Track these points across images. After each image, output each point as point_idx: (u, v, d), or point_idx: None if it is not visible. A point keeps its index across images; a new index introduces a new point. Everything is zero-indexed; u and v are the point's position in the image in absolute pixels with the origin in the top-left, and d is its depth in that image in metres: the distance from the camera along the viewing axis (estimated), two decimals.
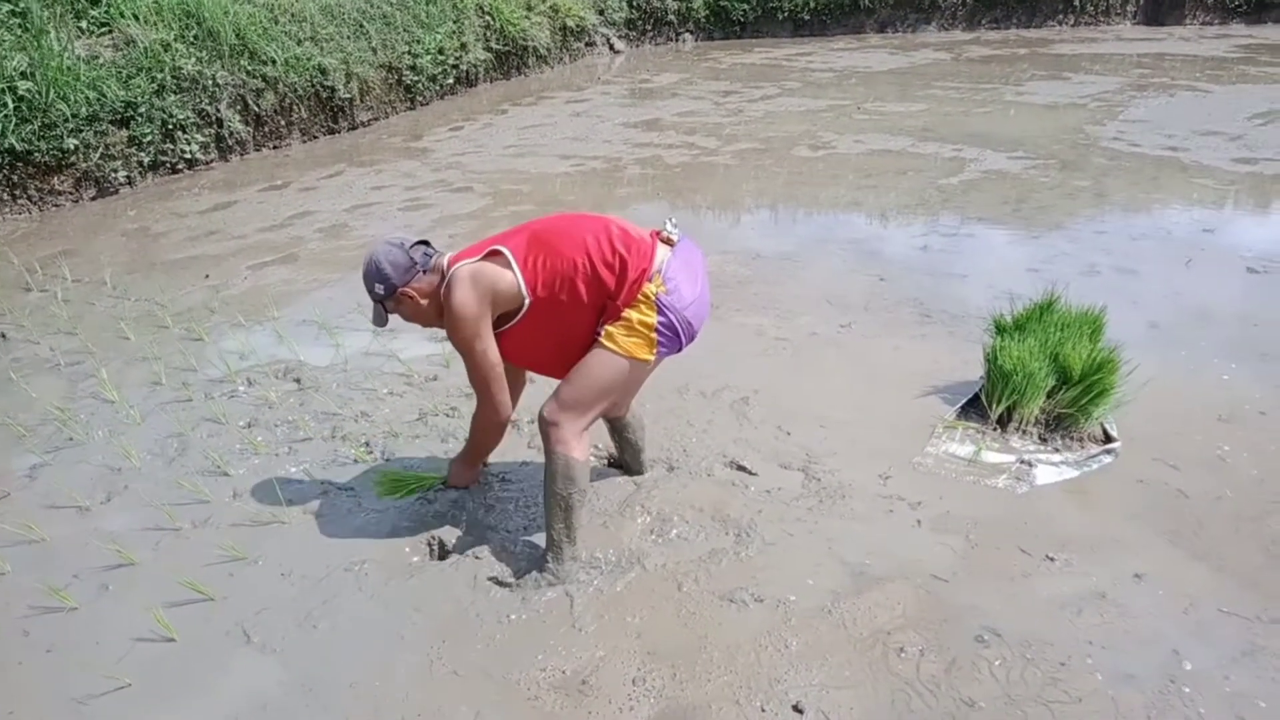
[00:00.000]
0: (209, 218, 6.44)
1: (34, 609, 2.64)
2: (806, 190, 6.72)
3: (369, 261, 2.61)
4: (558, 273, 2.51)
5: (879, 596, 2.56)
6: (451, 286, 2.52)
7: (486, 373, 2.61)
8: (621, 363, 2.52)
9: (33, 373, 4.10)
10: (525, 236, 2.58)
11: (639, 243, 2.54)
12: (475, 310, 2.51)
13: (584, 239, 2.53)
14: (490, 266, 2.53)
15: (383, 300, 2.63)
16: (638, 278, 2.49)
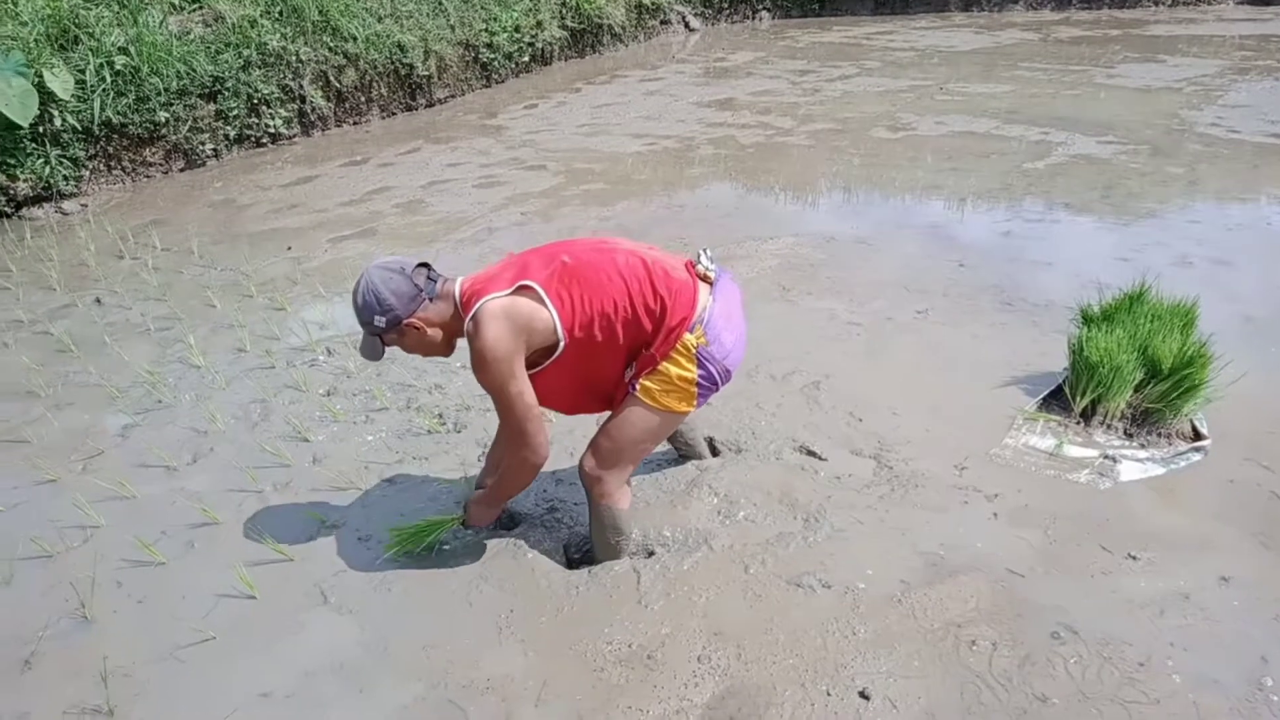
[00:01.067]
0: (291, 191, 6.61)
1: (126, 562, 2.76)
2: (884, 172, 6.58)
3: (366, 290, 2.29)
4: (596, 314, 2.32)
5: (952, 588, 2.51)
6: (481, 323, 2.24)
7: (523, 414, 2.33)
8: (661, 417, 2.44)
9: (125, 337, 4.27)
10: (554, 269, 2.33)
11: (682, 288, 2.37)
12: (509, 349, 2.25)
13: (623, 278, 2.33)
14: (524, 303, 2.28)
15: (382, 333, 2.35)
16: (677, 326, 2.35)
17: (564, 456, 3.18)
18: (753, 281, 4.63)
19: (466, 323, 2.28)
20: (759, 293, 4.49)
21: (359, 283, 2.32)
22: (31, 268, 5.17)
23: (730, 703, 2.18)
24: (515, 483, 2.53)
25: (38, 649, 2.45)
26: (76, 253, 5.39)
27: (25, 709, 2.26)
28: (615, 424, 2.46)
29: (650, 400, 2.40)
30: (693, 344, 2.36)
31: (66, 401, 3.71)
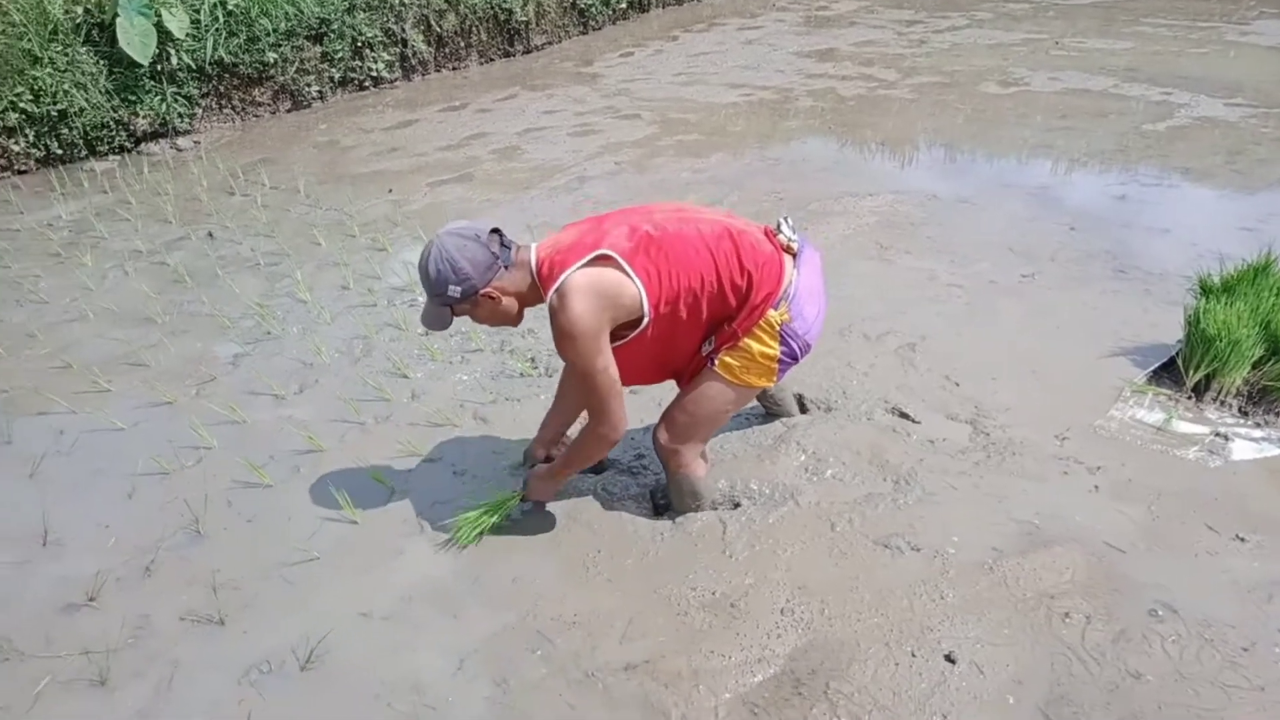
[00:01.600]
0: (392, 134, 6.73)
1: (236, 482, 2.91)
2: (992, 130, 6.33)
3: (439, 258, 2.18)
4: (682, 289, 2.25)
5: (1046, 558, 2.45)
6: (567, 296, 2.15)
7: (608, 390, 2.26)
8: (739, 391, 2.43)
9: (236, 270, 4.45)
10: (638, 241, 2.23)
11: (768, 261, 2.31)
12: (596, 324, 2.17)
13: (710, 251, 2.26)
14: (611, 275, 2.18)
15: (455, 303, 2.25)
16: (762, 302, 2.30)
17: (652, 406, 3.21)
18: (849, 239, 4.54)
19: (550, 296, 2.18)
20: (855, 250, 4.40)
21: (430, 251, 2.21)
22: (149, 200, 5.41)
23: (813, 655, 2.19)
24: (586, 457, 2.46)
25: (156, 558, 2.61)
26: (190, 187, 5.62)
27: (146, 611, 2.42)
28: (692, 398, 2.45)
29: (730, 376, 2.39)
30: (776, 321, 2.32)
31: (182, 329, 3.90)
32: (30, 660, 2.28)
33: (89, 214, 5.19)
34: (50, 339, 3.86)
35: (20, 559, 2.63)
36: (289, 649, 2.27)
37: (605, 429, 2.33)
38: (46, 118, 6.04)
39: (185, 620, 2.39)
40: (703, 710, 2.06)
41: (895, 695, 2.07)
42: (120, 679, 2.22)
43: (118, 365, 3.63)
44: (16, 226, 5.13)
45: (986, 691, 2.08)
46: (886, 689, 2.09)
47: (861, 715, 2.03)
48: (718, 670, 2.16)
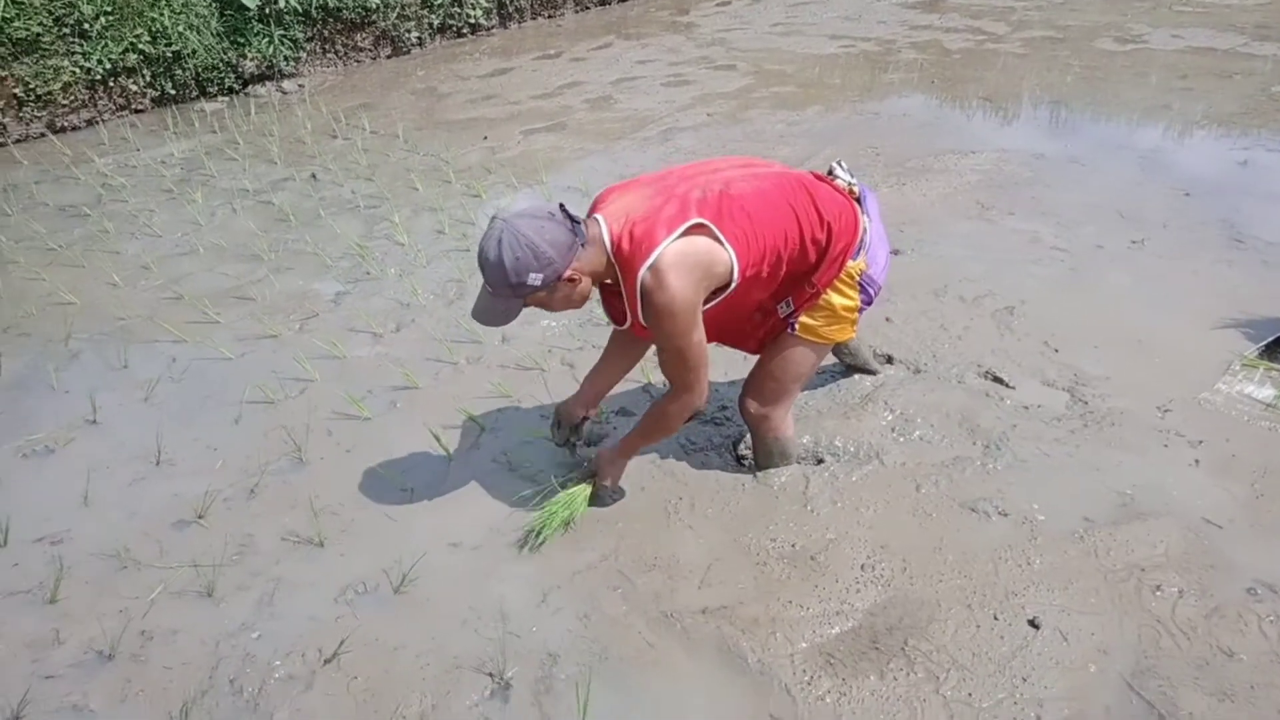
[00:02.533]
0: (488, 82, 6.79)
1: (336, 414, 3.04)
2: (1105, 87, 6.02)
3: (516, 244, 1.96)
4: (768, 250, 2.15)
5: (1140, 531, 2.39)
6: (664, 273, 2.00)
7: (698, 362, 2.16)
8: (822, 349, 2.43)
9: (337, 211, 4.59)
10: (720, 205, 2.09)
11: (843, 211, 2.25)
12: (695, 299, 2.05)
13: (791, 208, 2.17)
14: (703, 244, 2.05)
15: (533, 292, 2.02)
16: (841, 254, 2.25)
17: (739, 359, 3.21)
18: (949, 197, 4.42)
19: (643, 274, 2.01)
20: (955, 209, 4.28)
21: (499, 238, 1.97)
22: (256, 141, 5.61)
23: (892, 612, 2.19)
24: (667, 428, 2.36)
25: (260, 481, 2.76)
26: (294, 130, 5.79)
27: (250, 531, 2.57)
28: (778, 364, 2.44)
29: (812, 336, 2.38)
30: (855, 271, 2.29)
31: (286, 266, 4.06)
32: (146, 569, 2.45)
33: (200, 153, 5.41)
34: (163, 271, 4.06)
35: (137, 476, 2.82)
36: (383, 572, 2.38)
37: (693, 398, 2.25)
38: (162, 59, 6.29)
39: (286, 541, 2.53)
40: (779, 656, 2.09)
41: (974, 656, 2.07)
42: (226, 591, 2.37)
43: (226, 298, 3.81)
44: (134, 163, 5.39)
45: (1069, 658, 2.05)
46: (966, 649, 2.08)
47: (939, 673, 2.03)
48: (795, 620, 2.18)
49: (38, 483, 2.81)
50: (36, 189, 5.11)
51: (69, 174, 5.31)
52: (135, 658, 2.18)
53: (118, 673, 2.14)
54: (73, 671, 2.15)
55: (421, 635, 2.20)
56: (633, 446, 2.47)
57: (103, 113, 6.26)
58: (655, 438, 2.45)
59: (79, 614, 2.30)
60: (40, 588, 2.38)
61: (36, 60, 5.88)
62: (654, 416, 2.36)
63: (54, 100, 6.02)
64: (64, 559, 2.47)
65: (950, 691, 1.99)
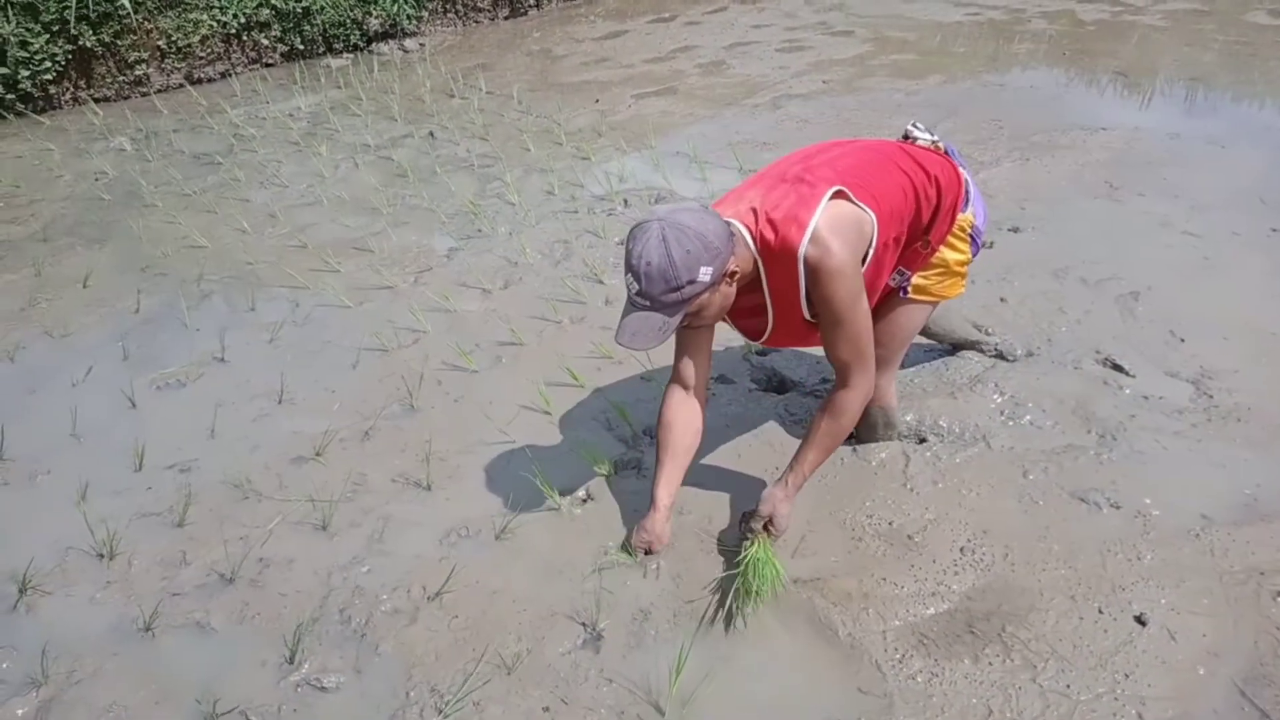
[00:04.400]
0: (602, 45, 6.80)
1: (446, 365, 3.15)
2: (1253, 64, 5.63)
3: (683, 237, 1.84)
4: (894, 211, 2.10)
5: (1263, 533, 2.27)
6: (826, 241, 1.93)
7: (867, 331, 2.05)
8: (933, 308, 2.39)
9: (453, 169, 4.70)
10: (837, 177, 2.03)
11: (943, 166, 2.21)
12: (857, 260, 1.99)
13: (899, 168, 2.12)
14: (847, 208, 2.01)
15: (699, 293, 1.91)
16: (951, 207, 2.21)
17: None
18: (1075, 175, 4.23)
19: (803, 248, 1.94)
20: (1081, 188, 4.09)
21: (661, 237, 1.85)
22: (378, 98, 5.78)
23: (990, 598, 2.15)
24: (846, 429, 2.15)
25: (375, 425, 2.89)
26: (414, 88, 5.94)
27: (364, 471, 2.70)
28: (883, 330, 2.34)
29: (925, 297, 2.34)
30: (966, 225, 2.27)
31: (402, 221, 4.19)
32: (266, 501, 2.60)
33: (325, 107, 5.61)
34: (288, 220, 4.25)
35: (260, 413, 2.98)
36: (486, 518, 2.46)
37: (865, 380, 2.08)
38: (292, 14, 6.53)
39: (397, 482, 2.64)
40: (870, 632, 2.08)
41: (1075, 648, 2.01)
42: (339, 526, 2.49)
43: (346, 249, 3.96)
44: (263, 115, 5.63)
45: (1177, 658, 1.98)
46: (1067, 641, 2.03)
47: (1036, 662, 1.99)
48: (889, 597, 2.17)
49: (170, 414, 3.01)
50: (175, 137, 5.40)
51: (204, 123, 5.59)
52: (253, 583, 2.32)
53: (237, 595, 2.28)
54: (197, 591, 2.30)
55: (520, 581, 2.28)
56: (808, 470, 2.17)
57: (236, 65, 6.55)
58: (837, 443, 2.17)
59: (204, 538, 2.47)
60: (170, 511, 2.56)
61: (179, 14, 6.19)
62: (828, 422, 2.11)
63: (192, 52, 6.33)
64: (192, 486, 2.65)
65: (1048, 681, 1.94)
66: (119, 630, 2.20)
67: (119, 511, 2.57)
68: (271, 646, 2.12)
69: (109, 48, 6.01)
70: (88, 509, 2.57)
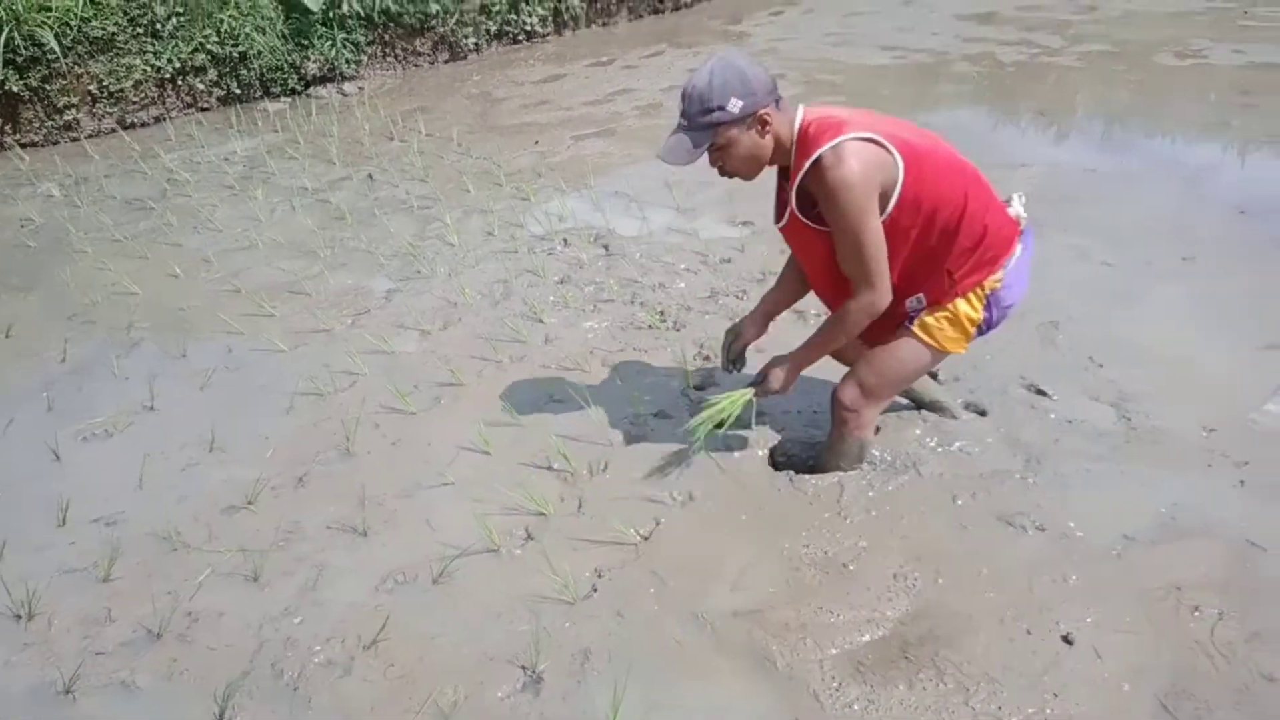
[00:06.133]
0: (541, 88, 6.89)
1: (383, 408, 3.12)
2: (1162, 104, 5.92)
3: (726, 69, 2.09)
4: (926, 204, 2.18)
5: (1180, 551, 2.36)
6: (842, 154, 2.08)
7: (878, 248, 2.17)
8: (931, 354, 2.42)
9: (392, 211, 4.70)
10: (902, 140, 2.17)
11: (1006, 224, 2.30)
12: (870, 183, 2.10)
13: (964, 186, 2.22)
14: (883, 154, 2.13)
15: (725, 124, 2.12)
16: (990, 260, 2.27)
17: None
18: None
19: (823, 151, 2.09)
20: None
21: (709, 66, 2.12)
22: (316, 141, 5.76)
23: (923, 623, 2.20)
24: (847, 333, 2.33)
25: (309, 471, 2.84)
26: (353, 131, 5.94)
27: (298, 518, 2.65)
28: (884, 360, 2.43)
29: (927, 336, 2.38)
30: (992, 285, 2.31)
31: (340, 263, 4.17)
32: (195, 552, 2.54)
33: (261, 151, 5.58)
34: (223, 265, 4.20)
35: (190, 462, 2.92)
36: (424, 563, 2.44)
37: (874, 295, 2.23)
38: (229, 59, 6.49)
39: (332, 529, 2.60)
40: (808, 662, 2.10)
41: (1006, 669, 2.06)
42: (271, 576, 2.44)
43: (282, 292, 3.92)
44: (198, 160, 5.57)
45: (1102, 676, 2.04)
46: (997, 663, 2.08)
47: (969, 685, 2.02)
48: (825, 626, 2.20)
49: (95, 466, 2.93)
50: (106, 182, 5.31)
51: (137, 168, 5.51)
52: (182, 638, 2.26)
53: (164, 652, 2.22)
54: (122, 649, 2.23)
55: (457, 626, 2.26)
56: (809, 354, 2.45)
57: (170, 110, 6.48)
58: (835, 342, 2.40)
59: (130, 593, 2.40)
60: (95, 567, 2.48)
61: (111, 59, 6.11)
62: (835, 318, 2.33)
63: (125, 97, 6.25)
64: (118, 540, 2.58)
65: (980, 704, 1.98)
66: (37, 694, 2.13)
67: (39, 569, 2.48)
68: (200, 704, 2.07)
69: (36, 92, 5.91)
70: (5, 568, 2.49)
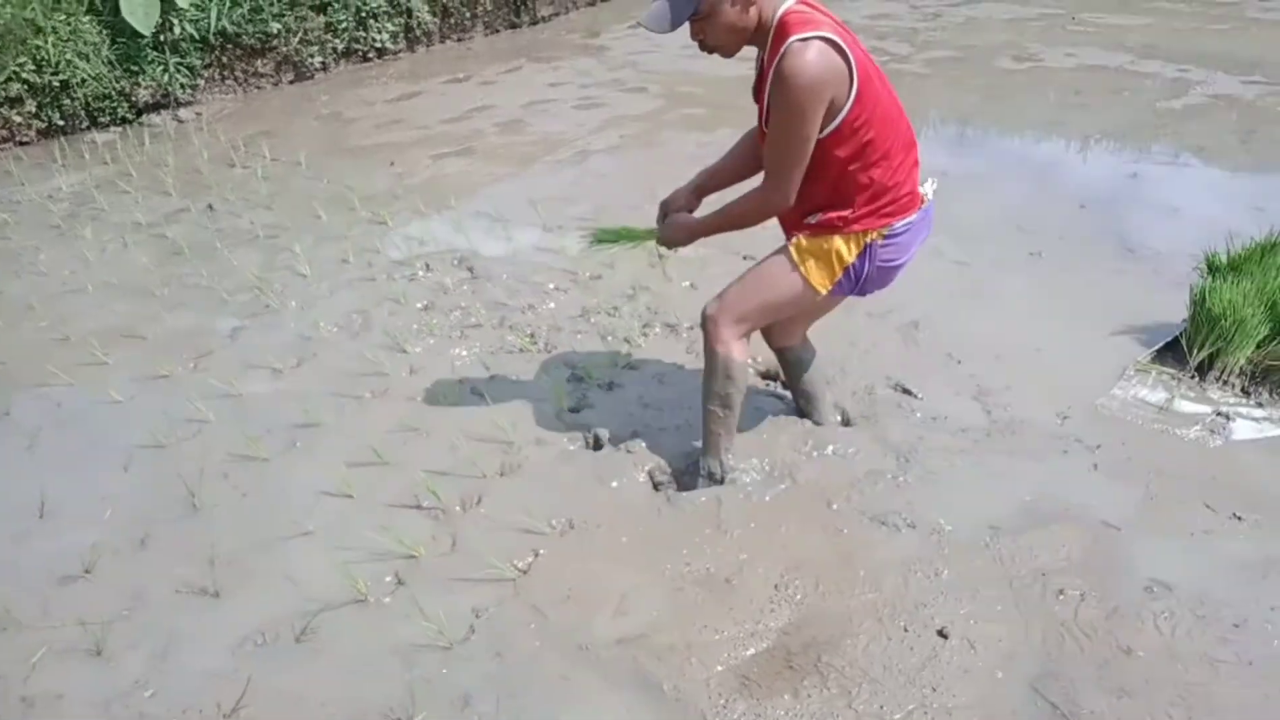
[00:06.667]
0: (395, 107, 6.69)
1: (232, 456, 2.91)
2: (1004, 106, 6.25)
3: None
4: (857, 138, 2.21)
5: (1043, 537, 2.44)
6: (809, 49, 2.08)
7: (798, 153, 2.19)
8: (796, 280, 2.40)
9: (235, 243, 4.43)
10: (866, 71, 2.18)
11: (911, 191, 2.36)
12: (821, 86, 2.10)
13: (899, 138, 2.28)
14: (842, 67, 2.13)
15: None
16: (887, 210, 2.31)
17: (651, 383, 3.20)
18: None
19: (792, 41, 2.09)
20: None
21: None
22: (150, 172, 5.39)
23: (806, 631, 2.19)
24: (742, 220, 2.39)
25: (152, 531, 2.62)
26: (191, 160, 5.59)
27: (142, 583, 2.43)
28: (751, 273, 2.49)
29: (796, 258, 2.39)
30: (877, 234, 2.33)
31: (180, 302, 3.89)
32: (27, 631, 2.29)
33: (90, 186, 5.18)
34: (49, 311, 3.86)
35: (18, 531, 2.64)
36: (284, 621, 2.27)
37: (775, 195, 2.28)
38: (49, 88, 6.01)
39: (181, 592, 2.40)
40: (694, 682, 2.06)
41: (886, 669, 2.07)
42: (116, 649, 2.23)
43: (116, 338, 3.63)
44: (18, 198, 5.13)
45: (977, 666, 2.08)
46: (878, 663, 2.09)
47: (851, 688, 2.03)
48: (710, 644, 2.16)
49: None
50: None
51: None
52: None
53: None
54: None
55: (325, 684, 2.11)
56: (707, 225, 2.49)
57: None
58: (731, 225, 2.43)
59: None
60: None
61: None
62: (733, 203, 2.38)
63: None
64: None
65: (863, 706, 1.99)
66: None
67: None
68: None
69: None
70: None
